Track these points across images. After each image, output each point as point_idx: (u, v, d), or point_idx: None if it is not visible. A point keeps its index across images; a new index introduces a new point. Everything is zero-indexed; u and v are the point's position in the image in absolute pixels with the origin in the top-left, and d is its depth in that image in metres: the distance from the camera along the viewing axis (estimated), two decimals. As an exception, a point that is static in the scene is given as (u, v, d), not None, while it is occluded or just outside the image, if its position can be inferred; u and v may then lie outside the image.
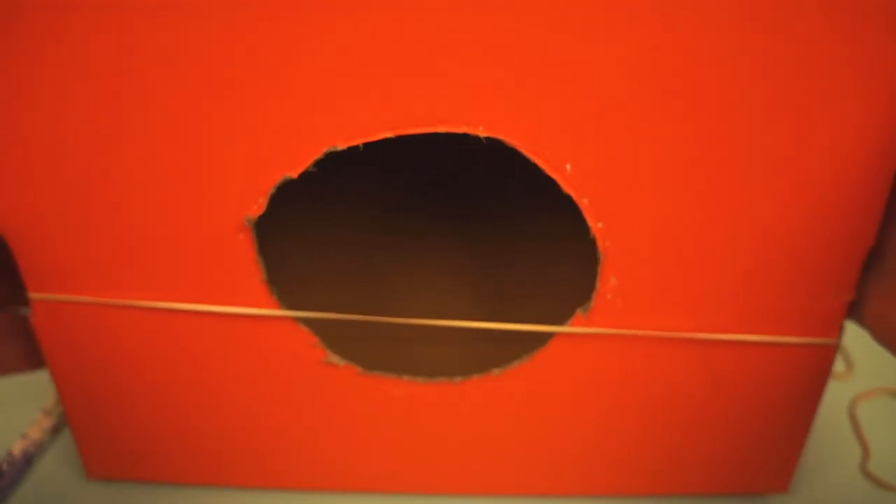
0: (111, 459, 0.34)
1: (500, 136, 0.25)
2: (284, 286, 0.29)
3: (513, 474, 0.34)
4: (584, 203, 0.26)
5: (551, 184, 0.26)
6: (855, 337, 0.30)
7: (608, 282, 0.28)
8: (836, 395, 0.41)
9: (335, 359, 0.30)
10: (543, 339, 0.30)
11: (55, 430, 0.39)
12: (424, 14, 0.23)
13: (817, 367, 0.31)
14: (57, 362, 0.31)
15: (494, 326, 0.29)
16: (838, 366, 0.44)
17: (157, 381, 0.31)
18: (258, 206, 0.26)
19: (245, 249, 0.27)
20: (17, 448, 0.36)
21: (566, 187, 0.26)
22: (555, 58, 0.24)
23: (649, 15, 0.23)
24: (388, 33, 0.23)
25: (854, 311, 0.29)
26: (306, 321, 0.29)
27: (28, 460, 0.37)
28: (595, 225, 0.27)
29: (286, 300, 0.29)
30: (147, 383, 0.31)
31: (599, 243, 0.27)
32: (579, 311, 0.29)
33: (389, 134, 0.25)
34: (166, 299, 0.29)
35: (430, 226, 0.47)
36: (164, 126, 0.25)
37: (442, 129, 0.25)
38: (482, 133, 0.25)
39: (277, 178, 0.26)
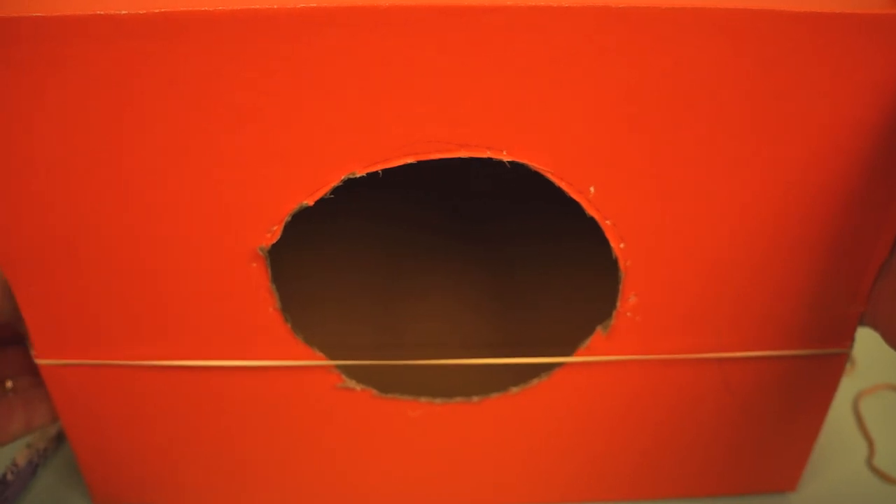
0: (119, 489, 0.33)
1: (525, 161, 0.24)
2: (296, 310, 0.29)
3: (529, 483, 0.34)
4: (607, 224, 0.26)
5: (566, 202, 0.26)
6: (857, 333, 0.31)
7: (628, 300, 0.28)
8: (839, 391, 0.42)
9: (351, 383, 0.29)
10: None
11: (59, 439, 0.38)
12: (445, 38, 0.22)
13: (829, 375, 0.31)
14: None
15: (516, 361, 0.29)
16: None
17: (170, 411, 0.30)
18: (272, 235, 0.26)
19: (258, 278, 0.26)
20: (22, 457, 0.36)
21: (590, 209, 0.25)
22: (578, 82, 0.23)
23: (673, 39, 0.22)
24: (410, 57, 0.22)
25: (863, 315, 0.29)
26: (321, 347, 0.29)
27: (33, 469, 0.36)
28: (617, 245, 0.26)
29: (298, 324, 0.28)
30: (160, 414, 0.30)
31: (621, 263, 0.27)
32: (599, 329, 0.29)
33: (411, 159, 0.24)
34: (175, 330, 0.28)
35: (447, 245, 0.46)
36: (176, 154, 0.24)
37: (465, 153, 0.24)
38: (506, 157, 0.24)
39: (293, 205, 0.25)
